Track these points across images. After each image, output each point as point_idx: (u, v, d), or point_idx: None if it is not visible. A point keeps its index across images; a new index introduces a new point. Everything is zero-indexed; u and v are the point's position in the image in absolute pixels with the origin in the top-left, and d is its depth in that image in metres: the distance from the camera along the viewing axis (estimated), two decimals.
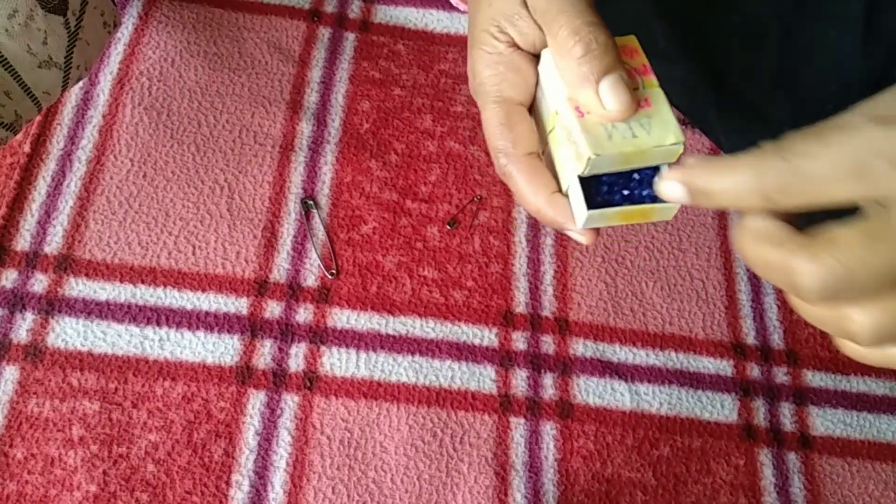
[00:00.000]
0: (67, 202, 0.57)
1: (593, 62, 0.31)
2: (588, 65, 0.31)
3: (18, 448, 0.49)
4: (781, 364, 0.58)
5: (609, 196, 0.33)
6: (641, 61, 0.36)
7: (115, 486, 0.48)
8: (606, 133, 0.32)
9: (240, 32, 0.66)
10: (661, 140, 0.33)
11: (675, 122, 0.33)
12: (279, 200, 0.59)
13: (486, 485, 0.51)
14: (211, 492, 0.49)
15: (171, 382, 0.52)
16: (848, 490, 0.55)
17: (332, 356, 0.54)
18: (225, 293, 0.55)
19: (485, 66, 0.34)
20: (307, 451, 0.51)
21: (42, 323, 0.53)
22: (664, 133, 0.33)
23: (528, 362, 0.56)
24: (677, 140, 0.33)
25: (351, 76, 0.66)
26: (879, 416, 0.58)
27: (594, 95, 0.31)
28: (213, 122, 0.62)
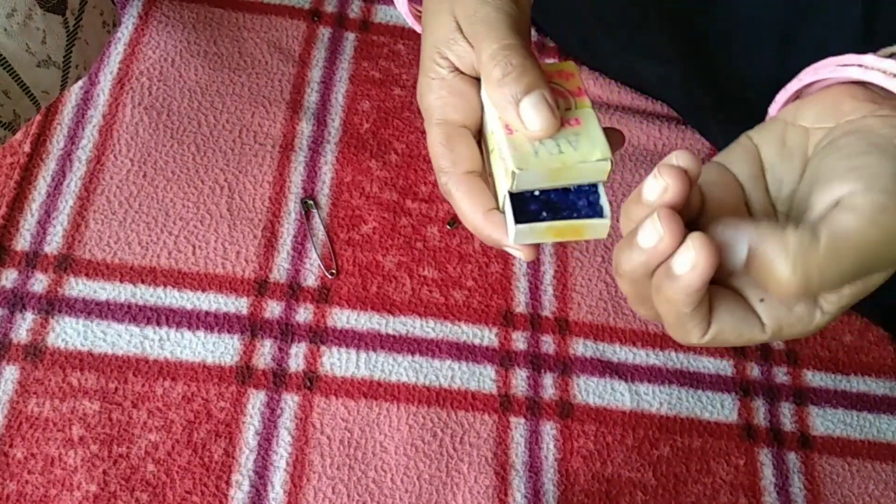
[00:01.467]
0: (67, 202, 0.57)
1: (511, 84, 0.32)
2: (507, 87, 0.32)
3: (18, 448, 0.49)
4: (781, 364, 0.58)
5: (540, 212, 0.34)
6: (577, 84, 0.38)
7: (115, 485, 0.48)
8: (533, 149, 0.34)
9: (240, 32, 0.66)
10: (587, 156, 0.34)
11: (604, 139, 0.34)
12: (279, 200, 0.59)
13: (486, 485, 0.51)
14: (211, 492, 0.49)
15: (171, 382, 0.52)
16: (848, 490, 0.55)
17: (332, 356, 0.54)
18: (225, 293, 0.55)
19: (429, 91, 0.35)
20: (307, 451, 0.51)
21: (42, 323, 0.53)
22: (591, 149, 0.34)
23: (528, 362, 0.56)
24: (604, 156, 0.34)
25: (351, 76, 0.66)
26: (879, 416, 0.58)
27: (516, 116, 0.32)
28: (213, 121, 0.62)
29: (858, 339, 0.60)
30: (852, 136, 0.30)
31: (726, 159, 0.33)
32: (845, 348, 0.60)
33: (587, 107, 0.36)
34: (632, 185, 0.63)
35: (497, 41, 0.33)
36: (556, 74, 0.38)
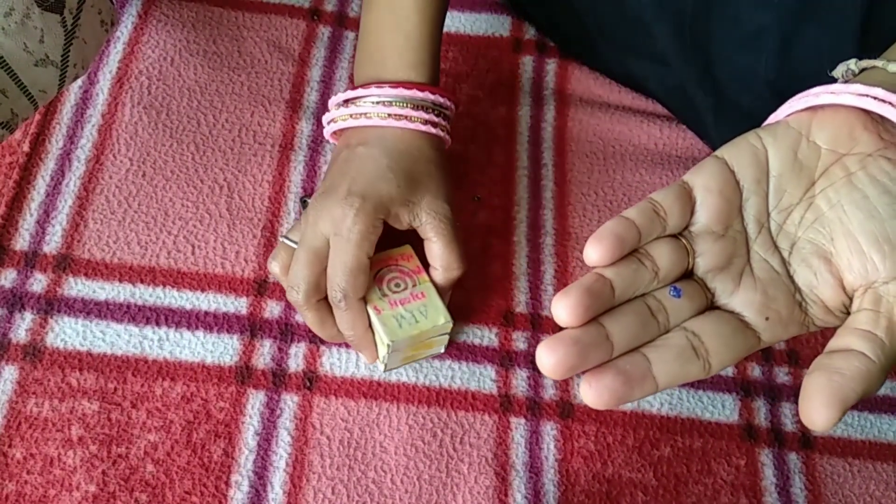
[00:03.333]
0: (66, 201, 0.57)
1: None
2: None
3: (17, 448, 0.49)
4: (783, 364, 0.58)
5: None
6: (416, 264, 0.52)
7: (114, 486, 0.48)
8: (398, 323, 0.49)
9: (239, 31, 0.66)
10: (434, 322, 0.49)
11: (444, 307, 0.50)
12: (279, 200, 0.59)
13: (486, 485, 0.51)
14: (210, 492, 0.49)
15: (171, 382, 0.52)
16: (849, 490, 0.54)
17: (331, 356, 0.54)
18: (224, 293, 0.55)
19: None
20: (307, 452, 0.51)
21: (41, 323, 0.52)
22: (437, 315, 0.49)
23: (529, 362, 0.56)
24: (446, 320, 0.49)
25: (351, 75, 0.66)
26: (880, 416, 0.57)
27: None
28: (212, 121, 0.62)
29: None
30: (873, 185, 0.31)
31: (732, 157, 0.33)
32: None
33: (426, 281, 0.51)
34: (632, 184, 0.63)
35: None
36: (398, 258, 0.52)
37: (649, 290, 0.32)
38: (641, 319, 0.31)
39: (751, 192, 0.33)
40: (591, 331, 0.29)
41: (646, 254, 0.31)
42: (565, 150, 0.65)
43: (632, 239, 0.31)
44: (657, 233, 0.32)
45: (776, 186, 0.33)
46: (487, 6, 0.71)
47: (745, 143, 0.33)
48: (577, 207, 0.62)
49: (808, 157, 0.33)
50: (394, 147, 0.50)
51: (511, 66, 0.69)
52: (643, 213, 0.31)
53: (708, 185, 0.32)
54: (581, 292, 0.29)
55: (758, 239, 0.33)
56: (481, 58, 0.69)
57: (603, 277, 0.30)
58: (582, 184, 0.63)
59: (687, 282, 0.32)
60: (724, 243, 0.33)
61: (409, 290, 0.51)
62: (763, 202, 0.33)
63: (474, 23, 0.70)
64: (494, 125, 0.65)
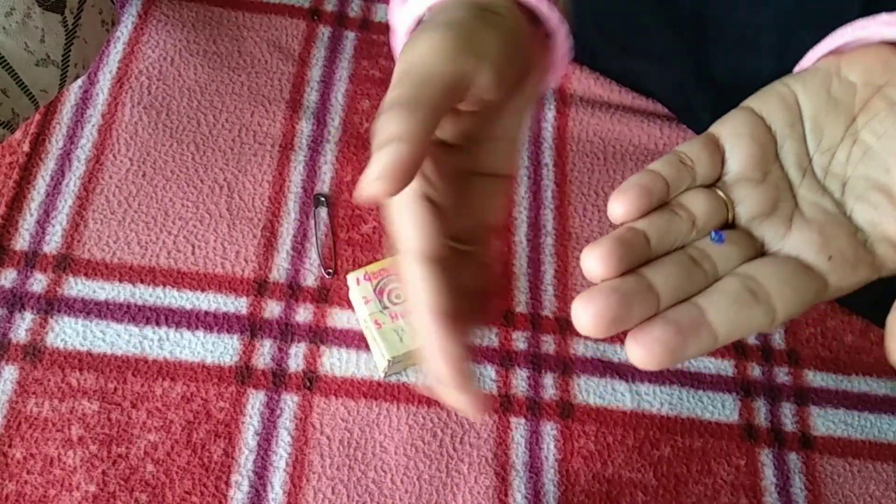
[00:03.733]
0: (66, 201, 0.57)
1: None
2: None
3: (17, 448, 0.49)
4: (782, 364, 0.58)
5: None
6: None
7: (114, 486, 0.48)
8: (398, 337, 0.49)
9: (239, 31, 0.66)
10: None
11: None
12: (279, 200, 0.59)
13: (486, 485, 0.51)
14: (210, 492, 0.49)
15: (171, 382, 0.52)
16: (849, 490, 0.54)
17: (331, 356, 0.54)
18: (224, 293, 0.55)
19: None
20: (307, 452, 0.51)
21: (41, 323, 0.52)
22: None
23: (529, 362, 0.56)
24: None
25: (351, 75, 0.66)
26: (881, 416, 0.57)
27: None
28: (212, 121, 0.62)
29: (860, 339, 0.60)
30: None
31: (759, 105, 0.31)
32: (846, 348, 0.59)
33: None
34: None
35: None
36: (389, 269, 0.51)
37: (689, 242, 0.28)
38: (685, 269, 0.26)
39: (785, 137, 0.30)
40: (631, 280, 0.25)
41: (678, 204, 0.28)
42: (565, 150, 0.65)
43: (659, 190, 0.27)
44: (687, 183, 0.29)
45: (813, 128, 0.30)
46: None
47: (771, 91, 0.31)
48: (577, 207, 0.62)
49: (843, 94, 0.30)
50: None
51: None
52: (669, 164, 0.28)
53: (737, 131, 0.30)
54: (613, 242, 0.25)
55: (803, 183, 0.30)
56: None
57: (635, 229, 0.27)
58: (582, 184, 0.63)
59: (731, 231, 0.29)
60: (765, 188, 0.29)
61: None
62: (801, 145, 0.30)
63: None
64: None
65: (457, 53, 0.28)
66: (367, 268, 0.53)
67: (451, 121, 0.30)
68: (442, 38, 0.28)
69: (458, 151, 0.31)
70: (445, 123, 0.30)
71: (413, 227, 0.28)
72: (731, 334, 0.25)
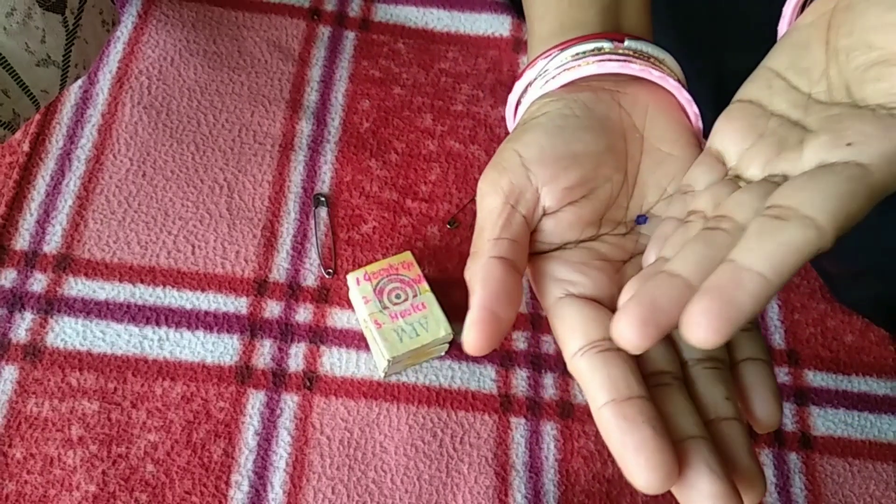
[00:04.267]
0: (66, 201, 0.57)
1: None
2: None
3: (17, 448, 0.49)
4: (782, 364, 0.58)
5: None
6: (416, 272, 0.52)
7: (114, 486, 0.48)
8: (398, 337, 0.49)
9: (239, 31, 0.66)
10: (435, 335, 0.49)
11: (445, 318, 0.50)
12: (279, 200, 0.59)
13: (487, 485, 0.51)
14: (210, 492, 0.49)
15: (171, 382, 0.52)
16: (849, 490, 0.54)
17: (331, 356, 0.54)
18: (224, 293, 0.55)
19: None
20: (307, 451, 0.51)
21: (41, 322, 0.52)
22: (437, 328, 0.49)
23: (529, 362, 0.56)
24: (447, 332, 0.49)
25: (351, 75, 0.66)
26: (881, 416, 0.57)
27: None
28: (212, 121, 0.62)
29: (860, 339, 0.60)
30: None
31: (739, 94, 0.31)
32: (846, 348, 0.59)
33: (427, 291, 0.51)
34: None
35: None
36: (399, 266, 0.52)
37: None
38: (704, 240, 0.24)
39: (770, 96, 0.29)
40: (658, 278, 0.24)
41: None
42: None
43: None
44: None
45: (795, 73, 0.29)
46: (487, 6, 0.71)
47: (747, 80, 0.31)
48: None
49: (806, 35, 0.30)
50: None
51: (511, 66, 0.69)
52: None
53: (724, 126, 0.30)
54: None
55: (809, 113, 0.28)
56: (481, 58, 0.69)
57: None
58: None
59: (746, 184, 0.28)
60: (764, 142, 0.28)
61: (409, 302, 0.51)
62: (790, 91, 0.29)
63: (474, 23, 0.70)
64: (494, 125, 0.65)
65: (501, 182, 0.29)
66: (367, 268, 0.53)
67: (565, 222, 0.30)
68: (488, 179, 0.29)
69: (604, 243, 0.30)
70: (558, 231, 0.30)
71: (571, 328, 0.27)
72: (779, 268, 0.22)
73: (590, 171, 0.30)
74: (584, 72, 0.31)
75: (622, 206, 0.30)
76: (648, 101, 0.33)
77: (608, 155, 0.30)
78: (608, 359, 0.25)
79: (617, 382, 0.25)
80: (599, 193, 0.30)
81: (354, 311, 0.55)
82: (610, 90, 0.32)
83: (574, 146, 0.30)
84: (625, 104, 0.32)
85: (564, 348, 0.27)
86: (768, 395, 0.27)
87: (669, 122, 0.32)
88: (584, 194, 0.30)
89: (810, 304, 0.61)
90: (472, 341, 0.25)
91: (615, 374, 0.25)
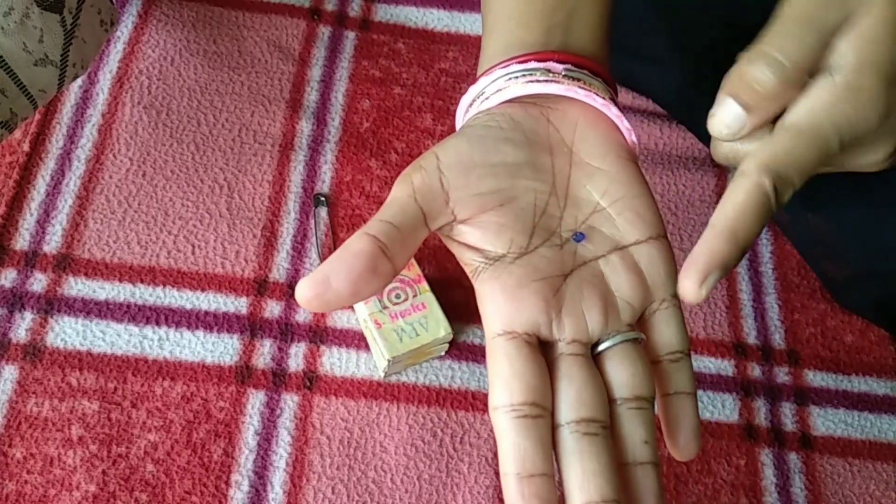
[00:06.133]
0: (67, 201, 0.57)
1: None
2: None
3: (17, 448, 0.49)
4: (783, 364, 0.58)
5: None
6: (416, 272, 0.52)
7: (114, 485, 0.48)
8: (398, 337, 0.49)
9: (239, 31, 0.66)
10: (435, 335, 0.49)
11: (445, 318, 0.50)
12: (279, 199, 0.59)
13: (487, 485, 0.51)
14: (210, 492, 0.49)
15: (171, 382, 0.52)
16: (849, 490, 0.54)
17: (331, 356, 0.54)
18: (224, 292, 0.55)
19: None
20: (307, 451, 0.51)
21: (41, 322, 0.52)
22: (437, 328, 0.49)
23: None
24: (447, 332, 0.49)
25: (351, 75, 0.66)
26: (881, 416, 0.57)
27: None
28: (212, 120, 0.62)
29: (860, 339, 0.60)
30: None
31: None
32: (846, 348, 0.59)
33: (427, 291, 0.51)
34: None
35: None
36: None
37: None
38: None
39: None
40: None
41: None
42: None
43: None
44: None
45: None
46: None
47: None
48: None
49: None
50: None
51: None
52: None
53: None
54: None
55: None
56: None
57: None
58: None
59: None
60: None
61: (409, 301, 0.51)
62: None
63: (474, 23, 0.70)
64: None
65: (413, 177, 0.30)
66: None
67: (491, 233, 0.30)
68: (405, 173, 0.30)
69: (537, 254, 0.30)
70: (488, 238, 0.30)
71: (496, 374, 0.28)
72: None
73: (504, 182, 0.30)
74: (512, 92, 0.32)
75: (555, 217, 0.31)
76: (578, 117, 0.33)
77: (528, 168, 0.31)
78: (524, 428, 0.26)
79: (525, 456, 0.26)
80: (520, 203, 0.30)
81: (354, 311, 0.55)
82: (540, 106, 0.33)
83: (491, 156, 0.30)
84: (554, 119, 0.33)
85: (491, 392, 0.28)
86: (689, 432, 0.30)
87: (598, 137, 0.33)
88: (500, 203, 0.30)
89: (810, 304, 0.60)
90: (299, 292, 0.26)
91: (526, 446, 0.26)
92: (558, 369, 0.28)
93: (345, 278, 0.27)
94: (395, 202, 0.29)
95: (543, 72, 0.32)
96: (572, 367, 0.28)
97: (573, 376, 0.28)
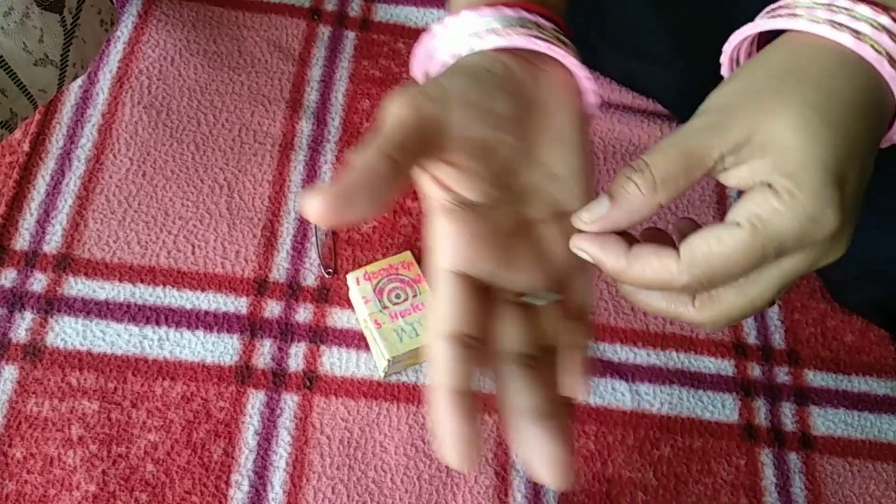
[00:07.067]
0: (67, 201, 0.57)
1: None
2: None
3: (18, 448, 0.49)
4: (783, 364, 0.58)
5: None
6: (416, 272, 0.52)
7: (114, 485, 0.48)
8: (399, 337, 0.49)
9: (239, 31, 0.66)
10: None
11: None
12: (279, 199, 0.59)
13: (486, 485, 0.51)
14: (210, 492, 0.49)
15: (171, 382, 0.52)
16: (849, 490, 0.54)
17: (331, 356, 0.54)
18: (224, 292, 0.55)
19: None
20: (307, 451, 0.51)
21: (41, 322, 0.52)
22: None
23: None
24: None
25: (351, 75, 0.66)
26: (880, 416, 0.57)
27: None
28: (212, 120, 0.62)
29: (860, 339, 0.60)
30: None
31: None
32: (846, 348, 0.59)
33: (427, 291, 0.51)
34: None
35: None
36: (399, 266, 0.51)
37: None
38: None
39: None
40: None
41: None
42: None
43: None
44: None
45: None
46: None
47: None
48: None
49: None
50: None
51: None
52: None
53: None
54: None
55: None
56: None
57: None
58: None
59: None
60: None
61: (409, 301, 0.51)
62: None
63: None
64: None
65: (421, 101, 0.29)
66: (367, 268, 0.53)
67: (466, 179, 0.31)
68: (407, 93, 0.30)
69: (498, 208, 0.31)
70: (462, 184, 0.31)
71: (442, 305, 0.30)
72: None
73: (490, 132, 0.31)
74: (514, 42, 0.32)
75: (517, 175, 0.32)
76: (561, 82, 0.34)
77: (511, 122, 0.32)
78: (459, 351, 0.29)
79: (455, 372, 0.29)
80: (497, 157, 0.31)
81: (354, 311, 0.55)
82: (533, 63, 0.33)
83: (488, 101, 0.31)
84: (542, 80, 0.33)
85: (434, 317, 0.30)
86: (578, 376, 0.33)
87: (574, 107, 0.34)
88: (482, 153, 0.31)
89: (810, 304, 0.60)
90: (313, 206, 0.26)
91: (458, 367, 0.29)
92: (495, 312, 0.31)
93: (368, 201, 0.27)
94: (399, 125, 0.29)
95: (535, 27, 0.33)
96: (507, 311, 0.31)
97: (508, 317, 0.31)
